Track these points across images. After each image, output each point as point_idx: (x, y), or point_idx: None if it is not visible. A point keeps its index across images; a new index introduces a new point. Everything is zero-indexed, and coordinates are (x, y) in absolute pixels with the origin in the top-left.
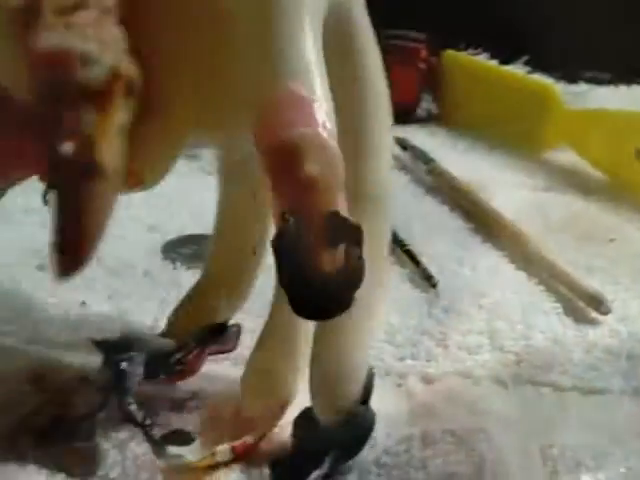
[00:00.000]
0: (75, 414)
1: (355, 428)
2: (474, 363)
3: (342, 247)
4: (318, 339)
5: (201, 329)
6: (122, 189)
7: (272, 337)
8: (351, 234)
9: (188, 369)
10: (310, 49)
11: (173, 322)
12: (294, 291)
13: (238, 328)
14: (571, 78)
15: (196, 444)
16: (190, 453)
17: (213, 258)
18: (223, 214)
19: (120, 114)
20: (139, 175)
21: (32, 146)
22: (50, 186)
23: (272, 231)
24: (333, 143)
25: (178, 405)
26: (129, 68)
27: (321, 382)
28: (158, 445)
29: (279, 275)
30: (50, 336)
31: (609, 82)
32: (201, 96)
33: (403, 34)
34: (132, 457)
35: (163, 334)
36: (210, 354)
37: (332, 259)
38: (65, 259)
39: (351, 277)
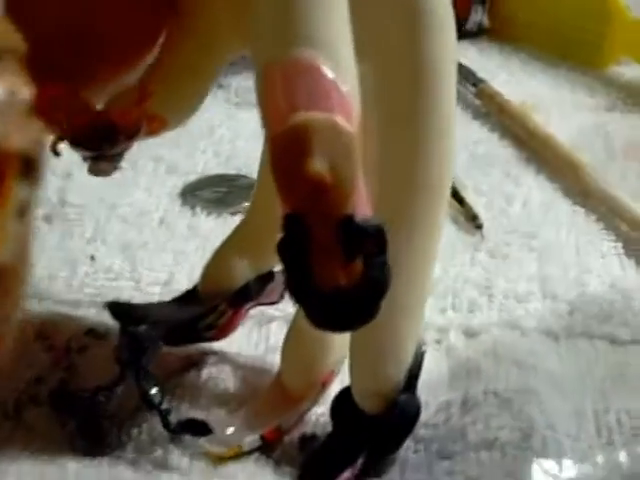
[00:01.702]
0: (86, 384)
1: (395, 418)
2: (523, 313)
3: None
4: None
5: (237, 288)
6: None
7: None
8: (371, 241)
9: (219, 334)
10: (333, 11)
11: (204, 279)
12: (304, 306)
13: None
14: None
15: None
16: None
17: (255, 205)
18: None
19: (17, 197)
20: (162, 119)
21: None
22: None
23: None
24: (350, 128)
25: (194, 364)
26: (25, 138)
27: (359, 360)
28: (175, 433)
29: (287, 285)
30: (57, 293)
31: None
32: (234, 19)
33: None
34: (147, 431)
35: (193, 294)
36: (253, 307)
37: (348, 271)
38: None
39: (372, 290)
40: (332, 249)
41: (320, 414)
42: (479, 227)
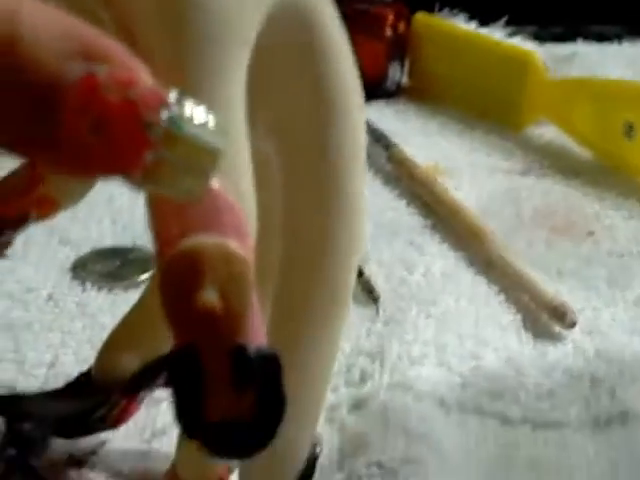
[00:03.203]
0: None
1: None
2: (416, 374)
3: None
4: None
5: (136, 371)
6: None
7: None
8: (264, 372)
9: (111, 426)
10: (228, 116)
11: (97, 366)
12: (194, 438)
13: None
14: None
15: None
16: None
17: (153, 286)
18: None
19: None
20: (53, 201)
21: None
22: None
23: None
24: (243, 253)
25: (78, 461)
26: None
27: (249, 463)
28: None
29: (175, 415)
30: None
31: (608, 39)
32: None
33: None
34: None
35: (85, 380)
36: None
37: (240, 402)
38: None
39: (265, 421)
40: (224, 380)
41: None
42: (375, 300)
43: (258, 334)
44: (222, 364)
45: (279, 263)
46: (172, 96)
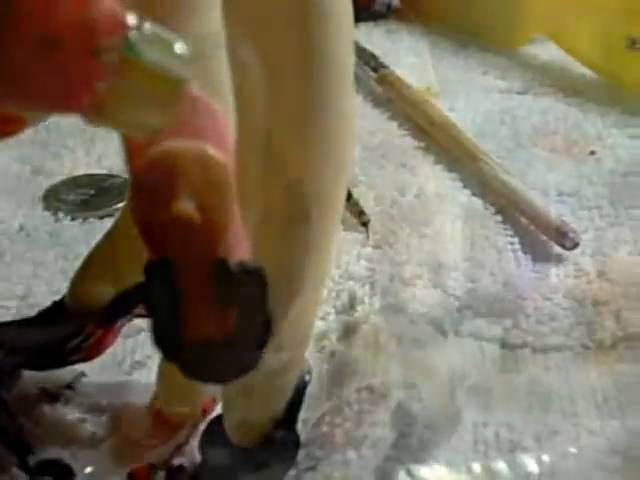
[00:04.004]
0: None
1: (269, 455)
2: (409, 295)
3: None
4: None
5: (112, 300)
6: None
7: None
8: (247, 288)
9: (86, 357)
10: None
11: (70, 295)
12: (173, 360)
13: None
14: None
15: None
16: None
17: (127, 211)
18: None
19: None
20: (18, 118)
21: None
22: None
23: None
24: (222, 157)
25: (51, 396)
26: None
27: (232, 391)
28: (34, 475)
29: (152, 335)
30: None
31: None
32: None
33: None
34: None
35: (58, 309)
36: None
37: (222, 321)
38: None
39: (249, 342)
40: (203, 297)
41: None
42: (365, 224)
43: (240, 247)
44: (201, 280)
45: (263, 182)
46: (131, 19)
